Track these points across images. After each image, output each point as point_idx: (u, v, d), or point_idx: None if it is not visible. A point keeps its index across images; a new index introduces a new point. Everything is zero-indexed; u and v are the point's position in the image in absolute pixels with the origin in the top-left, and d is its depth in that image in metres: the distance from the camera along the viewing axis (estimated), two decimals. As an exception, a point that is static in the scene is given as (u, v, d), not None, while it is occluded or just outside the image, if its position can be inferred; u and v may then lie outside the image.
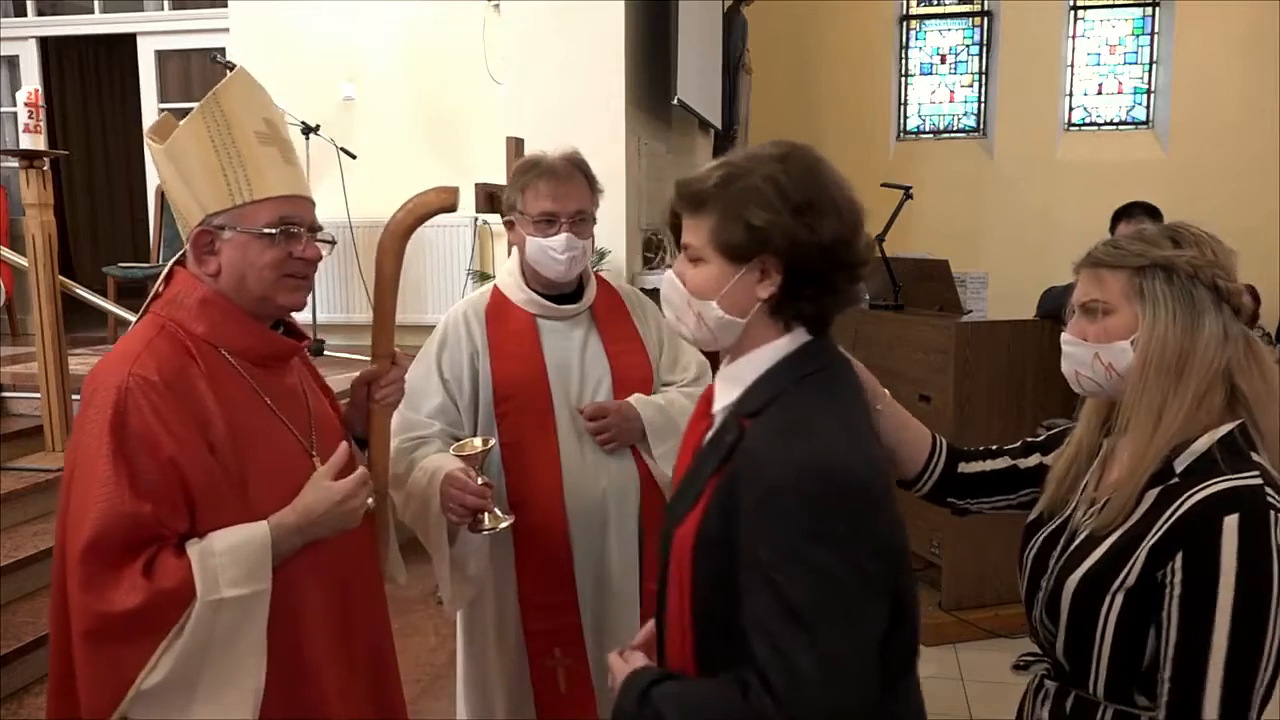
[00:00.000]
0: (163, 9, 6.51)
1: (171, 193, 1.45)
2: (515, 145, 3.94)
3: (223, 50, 5.55)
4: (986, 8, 8.33)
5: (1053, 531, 1.36)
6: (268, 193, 1.42)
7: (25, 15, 6.65)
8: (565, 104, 4.70)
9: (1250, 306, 1.29)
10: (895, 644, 1.13)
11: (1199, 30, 7.76)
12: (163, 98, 6.41)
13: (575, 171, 1.97)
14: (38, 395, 3.64)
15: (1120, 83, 8.21)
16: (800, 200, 1.13)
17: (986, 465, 1.51)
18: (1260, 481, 1.18)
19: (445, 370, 2.00)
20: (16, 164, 3.63)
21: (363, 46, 5.75)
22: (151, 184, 6.34)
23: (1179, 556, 1.17)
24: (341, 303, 5.76)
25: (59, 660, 1.35)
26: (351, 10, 5.71)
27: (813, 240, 1.13)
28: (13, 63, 6.76)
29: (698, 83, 5.45)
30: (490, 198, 3.50)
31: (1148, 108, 8.18)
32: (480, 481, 1.81)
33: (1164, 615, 1.18)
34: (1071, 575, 1.27)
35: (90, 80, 8.08)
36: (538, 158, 1.98)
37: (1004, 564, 2.84)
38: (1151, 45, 8.13)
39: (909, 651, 1.22)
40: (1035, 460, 1.48)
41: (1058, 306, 3.42)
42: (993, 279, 4.83)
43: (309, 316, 5.10)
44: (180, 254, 1.48)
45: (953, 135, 8.50)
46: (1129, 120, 8.22)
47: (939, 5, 8.49)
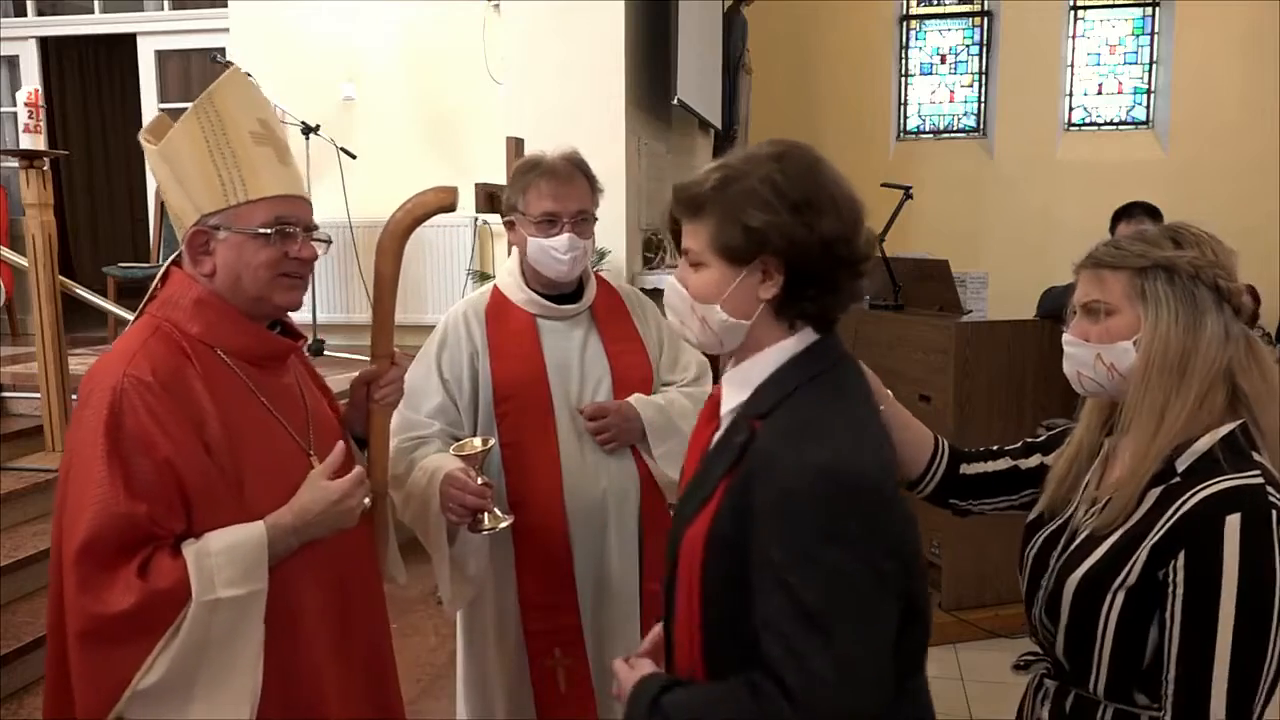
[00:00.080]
0: (163, 9, 6.51)
1: (166, 193, 1.45)
2: (515, 145, 3.94)
3: (223, 50, 5.56)
4: (986, 8, 8.32)
5: (1053, 531, 1.36)
6: (263, 193, 1.42)
7: (25, 15, 6.65)
8: (565, 104, 4.70)
9: (1250, 306, 1.30)
10: (906, 644, 1.13)
11: (1199, 30, 7.76)
12: (163, 98, 6.40)
13: (576, 171, 1.97)
14: (38, 395, 3.64)
15: (1120, 83, 8.21)
16: (798, 199, 1.12)
17: (988, 466, 1.51)
18: (1262, 481, 1.18)
19: (445, 370, 2.00)
20: (16, 164, 3.62)
21: (363, 46, 5.75)
22: (151, 184, 6.33)
23: (1181, 556, 1.17)
24: (341, 303, 5.76)
25: (55, 661, 1.35)
26: (351, 10, 5.71)
27: (812, 239, 1.12)
28: (13, 63, 6.76)
29: (698, 83, 5.45)
30: (490, 198, 3.50)
31: (1148, 108, 8.17)
32: (480, 481, 1.81)
33: (1167, 615, 1.18)
34: (1072, 574, 1.27)
35: (90, 80, 8.08)
36: (538, 158, 1.97)
37: (1004, 564, 2.84)
38: (1151, 45, 8.12)
39: (919, 651, 1.21)
40: (1036, 460, 1.48)
41: (1058, 306, 3.40)
42: (993, 279, 4.83)
43: (309, 316, 5.10)
44: (176, 254, 1.48)
45: (953, 135, 8.50)
46: (1129, 120, 8.21)
47: (939, 5, 8.49)
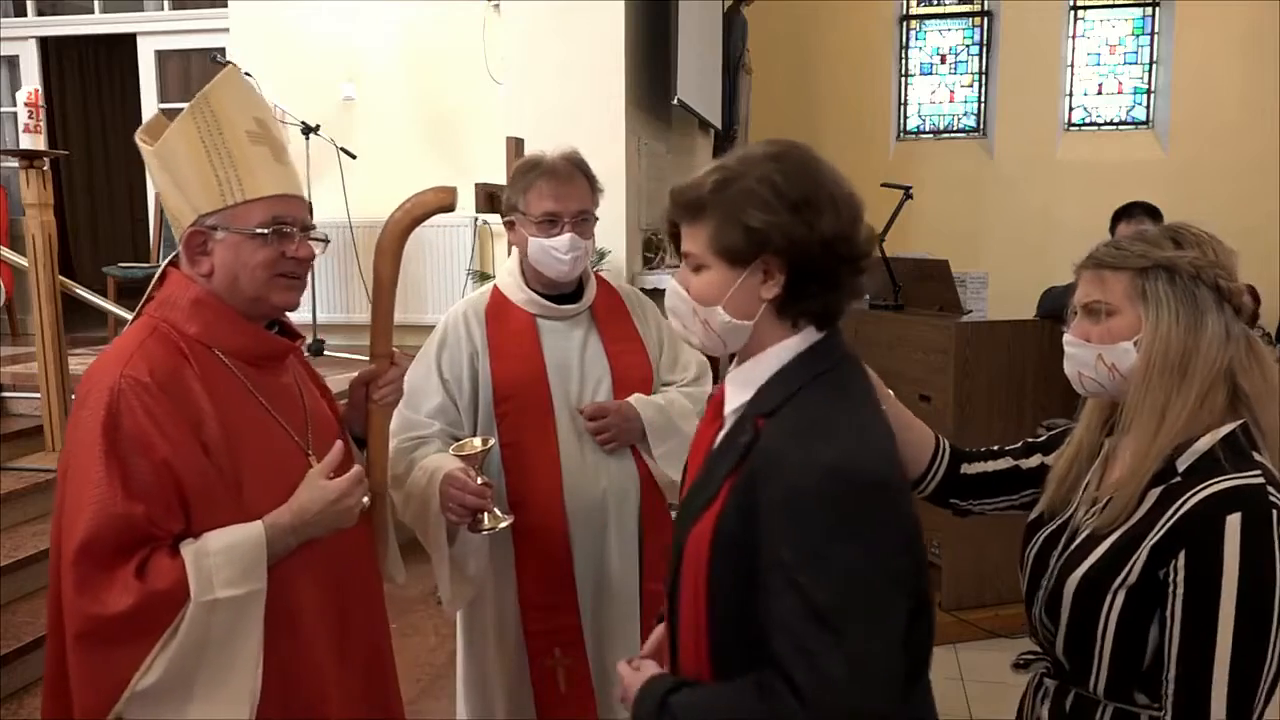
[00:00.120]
0: (163, 9, 6.50)
1: (163, 194, 1.45)
2: (515, 145, 3.94)
3: (223, 50, 5.56)
4: (986, 8, 8.32)
5: (1054, 531, 1.36)
6: (259, 192, 1.41)
7: (25, 15, 6.65)
8: (565, 104, 4.70)
9: (1251, 306, 1.30)
10: (913, 643, 1.12)
11: (1199, 30, 7.76)
12: (163, 98, 6.40)
13: (576, 171, 1.97)
14: (38, 395, 3.64)
15: (1120, 83, 8.21)
16: (797, 198, 1.12)
17: (989, 466, 1.51)
18: (1262, 481, 1.18)
19: (445, 370, 2.00)
20: (16, 164, 3.62)
21: (363, 46, 5.75)
22: (152, 184, 6.33)
23: (1181, 555, 1.17)
24: (341, 303, 5.75)
25: (55, 661, 1.34)
26: (351, 10, 5.71)
27: (813, 237, 1.12)
28: (13, 63, 6.76)
29: (698, 83, 5.45)
30: (490, 198, 3.50)
31: (1148, 108, 8.18)
32: (480, 481, 1.80)
33: (1167, 615, 1.18)
34: (1073, 574, 1.27)
35: (90, 80, 8.08)
36: (538, 158, 1.97)
37: (1004, 564, 2.84)
38: (1151, 45, 8.12)
39: (925, 651, 1.21)
40: (1037, 460, 1.48)
41: (1058, 306, 3.41)
42: (993, 279, 4.83)
43: (309, 316, 5.10)
44: (173, 255, 1.47)
45: (953, 135, 8.50)
46: (1129, 120, 8.22)
47: (939, 5, 8.49)
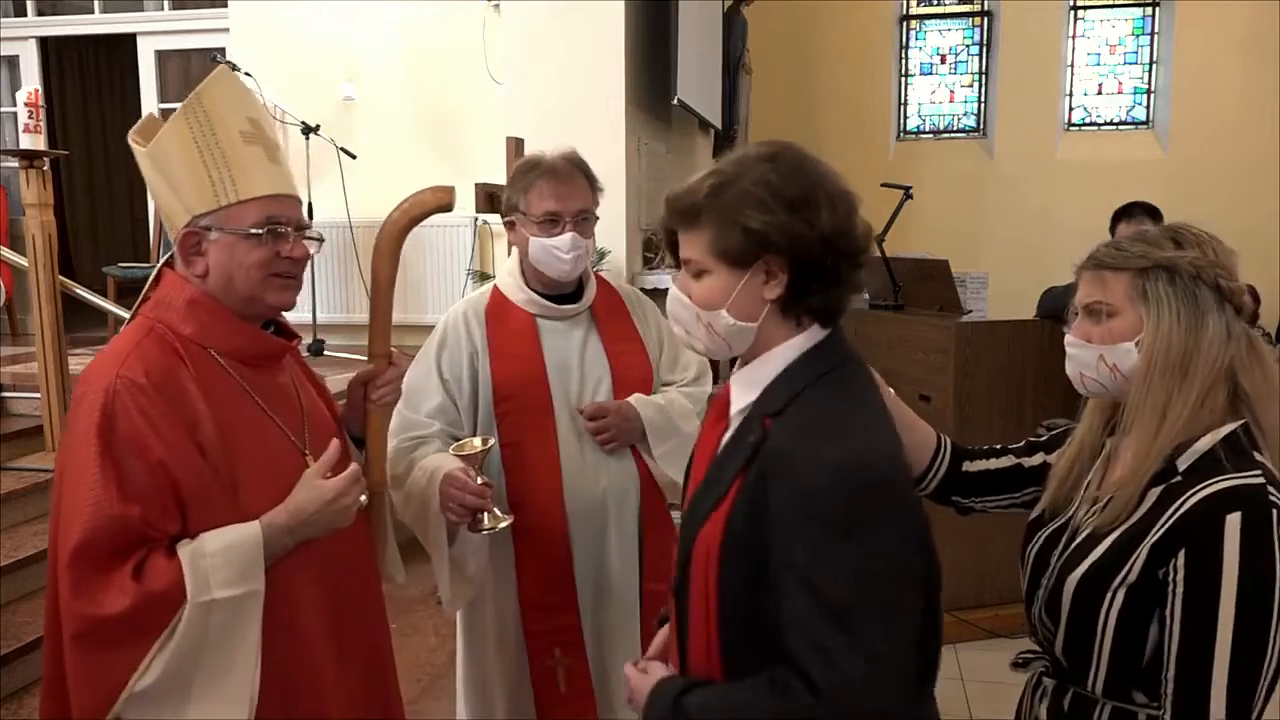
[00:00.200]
0: (163, 9, 6.50)
1: (157, 195, 1.45)
2: (515, 145, 3.94)
3: (223, 50, 5.55)
4: (986, 8, 8.32)
5: (1055, 530, 1.36)
6: (253, 193, 1.41)
7: (25, 15, 6.64)
8: (565, 104, 4.70)
9: (1251, 306, 1.30)
10: (924, 642, 1.13)
11: (1199, 30, 7.75)
12: (163, 98, 6.39)
13: (576, 171, 1.97)
14: (38, 395, 3.64)
15: (1120, 83, 8.21)
16: (794, 197, 1.13)
17: (991, 464, 1.52)
18: (1262, 480, 1.18)
19: (445, 370, 2.00)
20: (16, 164, 3.62)
21: (363, 46, 5.75)
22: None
23: (1181, 554, 1.17)
24: (341, 303, 5.75)
25: (53, 662, 1.34)
26: (351, 10, 5.70)
27: (812, 234, 1.13)
28: (13, 63, 6.75)
29: (698, 83, 5.45)
30: (490, 198, 3.50)
31: (1148, 108, 8.17)
32: (480, 481, 1.80)
33: (1167, 614, 1.18)
34: (1073, 573, 1.27)
35: (90, 80, 8.07)
36: (538, 158, 1.97)
37: (1004, 563, 2.84)
38: (1151, 45, 8.12)
39: (935, 652, 1.21)
40: (1039, 459, 1.48)
41: (1058, 307, 3.41)
42: (993, 279, 4.83)
43: (308, 316, 5.10)
44: (169, 255, 1.47)
45: (953, 135, 8.50)
46: (1129, 120, 8.21)
47: (939, 5, 8.49)
